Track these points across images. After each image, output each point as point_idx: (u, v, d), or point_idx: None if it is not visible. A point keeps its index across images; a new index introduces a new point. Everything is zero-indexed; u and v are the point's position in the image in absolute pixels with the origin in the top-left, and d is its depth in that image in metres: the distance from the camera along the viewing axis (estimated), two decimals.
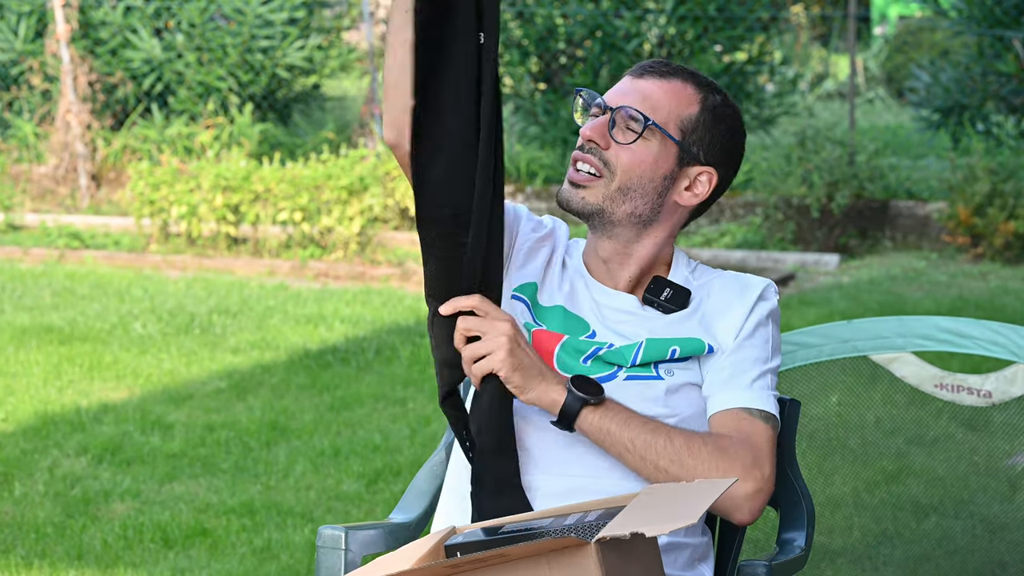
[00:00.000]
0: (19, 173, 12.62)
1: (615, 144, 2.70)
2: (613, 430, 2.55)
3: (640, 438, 2.55)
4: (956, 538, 4.81)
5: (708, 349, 2.71)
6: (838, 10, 20.11)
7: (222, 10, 13.05)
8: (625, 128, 2.70)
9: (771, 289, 2.80)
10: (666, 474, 2.55)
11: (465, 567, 2.25)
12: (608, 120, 2.70)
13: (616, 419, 2.55)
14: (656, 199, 2.73)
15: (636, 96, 2.70)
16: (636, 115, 2.69)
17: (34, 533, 5.23)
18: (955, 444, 5.39)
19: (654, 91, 2.70)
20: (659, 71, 2.73)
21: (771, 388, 2.70)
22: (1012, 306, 8.76)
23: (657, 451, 2.55)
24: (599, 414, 2.55)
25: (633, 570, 2.26)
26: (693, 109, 2.71)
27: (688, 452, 2.55)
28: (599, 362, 2.70)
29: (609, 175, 2.70)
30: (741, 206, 11.14)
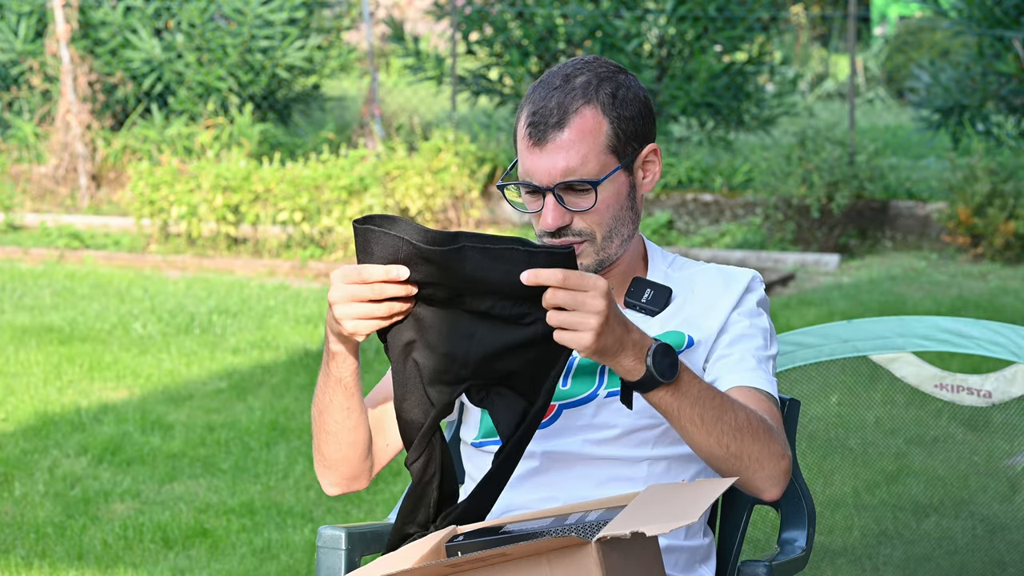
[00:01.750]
0: (19, 173, 12.63)
1: (576, 213, 2.65)
2: (684, 407, 2.47)
3: (708, 414, 2.49)
4: (956, 538, 4.81)
5: (688, 342, 2.70)
6: (838, 10, 20.11)
7: (222, 10, 13.05)
8: (573, 194, 2.65)
9: (757, 279, 2.77)
10: (726, 449, 2.51)
11: (466, 567, 2.25)
12: (554, 201, 2.63)
13: (687, 396, 2.47)
14: (634, 215, 2.72)
15: (560, 163, 2.62)
16: (579, 184, 2.64)
17: (34, 533, 5.23)
18: (955, 444, 5.39)
19: (569, 145, 2.62)
20: (555, 121, 2.62)
21: (772, 375, 2.70)
22: (1012, 306, 8.76)
23: (722, 428, 2.50)
24: (671, 391, 2.45)
25: (634, 569, 2.26)
26: (605, 125, 2.65)
27: (748, 428, 2.52)
28: (578, 378, 2.69)
29: (590, 235, 2.67)
30: (741, 206, 11.14)
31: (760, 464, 2.53)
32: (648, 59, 12.20)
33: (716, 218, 11.20)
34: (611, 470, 2.68)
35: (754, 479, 2.55)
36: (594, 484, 2.66)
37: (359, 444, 2.67)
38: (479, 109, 13.87)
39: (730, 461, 2.52)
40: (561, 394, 2.69)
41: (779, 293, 9.54)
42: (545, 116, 2.63)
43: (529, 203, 2.69)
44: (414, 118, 12.96)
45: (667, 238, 10.94)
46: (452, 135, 11.40)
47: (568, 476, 2.68)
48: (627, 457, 2.68)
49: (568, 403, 2.69)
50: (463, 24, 12.57)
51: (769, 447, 2.54)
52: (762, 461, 2.53)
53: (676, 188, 11.40)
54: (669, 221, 11.17)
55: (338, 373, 2.58)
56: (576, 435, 2.69)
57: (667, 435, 2.69)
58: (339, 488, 2.74)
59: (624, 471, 2.67)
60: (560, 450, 2.69)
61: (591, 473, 2.68)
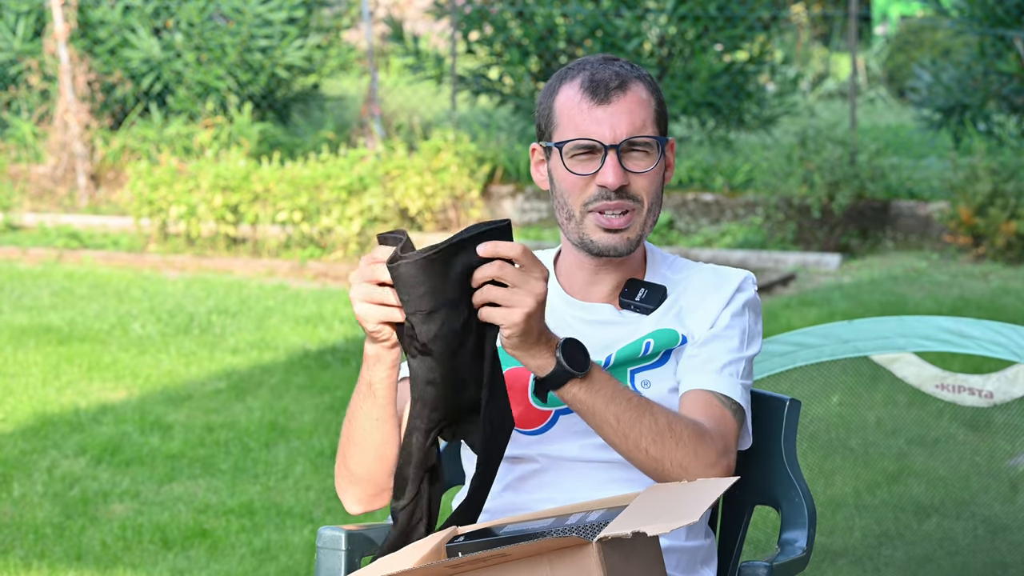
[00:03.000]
0: (18, 173, 12.62)
1: (633, 175, 2.68)
2: (598, 405, 2.48)
3: (625, 416, 2.49)
4: (957, 539, 4.80)
5: (682, 340, 2.70)
6: (839, 9, 20.11)
7: (221, 9, 13.05)
8: (639, 157, 2.68)
9: (749, 280, 2.77)
10: (646, 454, 2.50)
11: (466, 567, 2.24)
12: (616, 160, 2.66)
13: (601, 394, 2.47)
14: (660, 202, 2.74)
15: (626, 122, 2.67)
16: (648, 141, 2.68)
17: (33, 534, 5.22)
18: (956, 444, 5.39)
19: (631, 108, 2.67)
20: (617, 84, 2.68)
21: (741, 377, 2.67)
22: (1013, 306, 8.76)
23: (641, 431, 2.49)
24: (584, 387, 2.47)
25: (635, 569, 2.25)
26: (652, 101, 2.71)
27: (670, 433, 2.50)
28: None
29: (639, 205, 2.69)
30: (742, 206, 11.13)
31: (686, 471, 2.51)
32: (649, 58, 12.19)
33: (717, 218, 11.19)
34: (611, 472, 2.67)
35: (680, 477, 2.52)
36: (595, 485, 2.67)
37: (387, 459, 2.61)
38: (479, 109, 13.87)
39: (653, 466, 2.51)
40: (554, 400, 2.68)
41: (780, 293, 9.53)
42: (606, 80, 2.68)
43: (578, 165, 2.69)
44: (414, 118, 12.95)
45: (668, 238, 10.93)
46: (452, 135, 11.39)
47: (568, 478, 2.68)
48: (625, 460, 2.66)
49: (564, 409, 2.70)
50: (463, 23, 12.56)
51: (697, 454, 2.51)
52: (688, 468, 2.51)
53: (676, 188, 11.39)
54: (670, 221, 11.17)
55: (369, 377, 2.54)
56: (573, 440, 2.69)
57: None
58: (362, 506, 2.69)
59: (624, 473, 2.67)
60: (558, 454, 2.69)
61: (591, 475, 2.68)
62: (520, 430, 2.71)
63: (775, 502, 2.85)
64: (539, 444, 2.70)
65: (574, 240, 2.73)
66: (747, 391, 2.69)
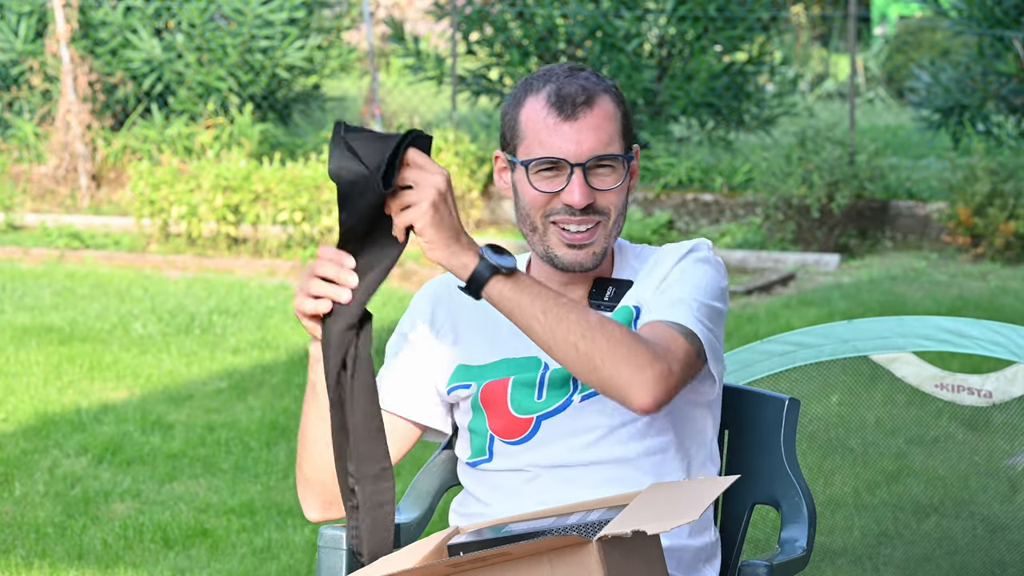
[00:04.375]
0: (19, 173, 12.63)
1: (600, 192, 2.66)
2: (524, 301, 2.45)
3: (552, 310, 2.45)
4: (956, 538, 4.81)
5: (636, 312, 2.69)
6: (838, 10, 20.11)
7: (222, 10, 13.06)
8: (601, 174, 2.66)
9: (703, 244, 2.75)
10: (575, 349, 2.45)
11: (467, 566, 2.25)
12: (582, 178, 2.64)
13: (528, 290, 2.45)
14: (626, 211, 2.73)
15: (593, 139, 2.65)
16: (609, 159, 2.66)
17: (34, 533, 5.23)
18: (955, 444, 5.39)
19: (598, 124, 2.65)
20: (583, 100, 2.66)
21: (698, 314, 2.61)
22: (1012, 306, 8.77)
23: (569, 325, 2.45)
24: (510, 284, 2.44)
25: (635, 568, 2.26)
26: (618, 114, 2.69)
27: (601, 330, 2.46)
28: (552, 391, 2.69)
29: (604, 219, 2.68)
30: (741, 206, 11.14)
31: (618, 366, 2.45)
32: (648, 59, 12.20)
33: (716, 218, 11.20)
34: (603, 472, 2.67)
35: (616, 383, 2.46)
36: (588, 488, 2.66)
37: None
38: (479, 109, 13.87)
39: (584, 365, 2.45)
40: (536, 407, 2.69)
41: (779, 293, 9.54)
42: (572, 95, 2.66)
43: (542, 182, 2.68)
44: (414, 118, 12.96)
45: (667, 238, 10.94)
46: (452, 135, 11.40)
47: (560, 483, 2.68)
48: (616, 458, 2.67)
49: (544, 414, 2.69)
50: (463, 24, 12.57)
51: (631, 350, 2.46)
52: (620, 363, 2.45)
53: (676, 188, 11.40)
54: (669, 221, 11.17)
55: (312, 377, 2.59)
56: (559, 443, 2.68)
57: (652, 425, 2.67)
58: (319, 512, 2.72)
59: (616, 472, 2.66)
60: (547, 461, 2.69)
61: (583, 478, 2.67)
62: (505, 441, 2.71)
63: (775, 501, 2.86)
64: (526, 453, 2.70)
65: (539, 253, 2.72)
66: (708, 331, 2.61)
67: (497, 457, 2.71)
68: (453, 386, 2.75)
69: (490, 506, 2.71)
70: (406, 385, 2.78)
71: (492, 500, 2.71)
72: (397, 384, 2.79)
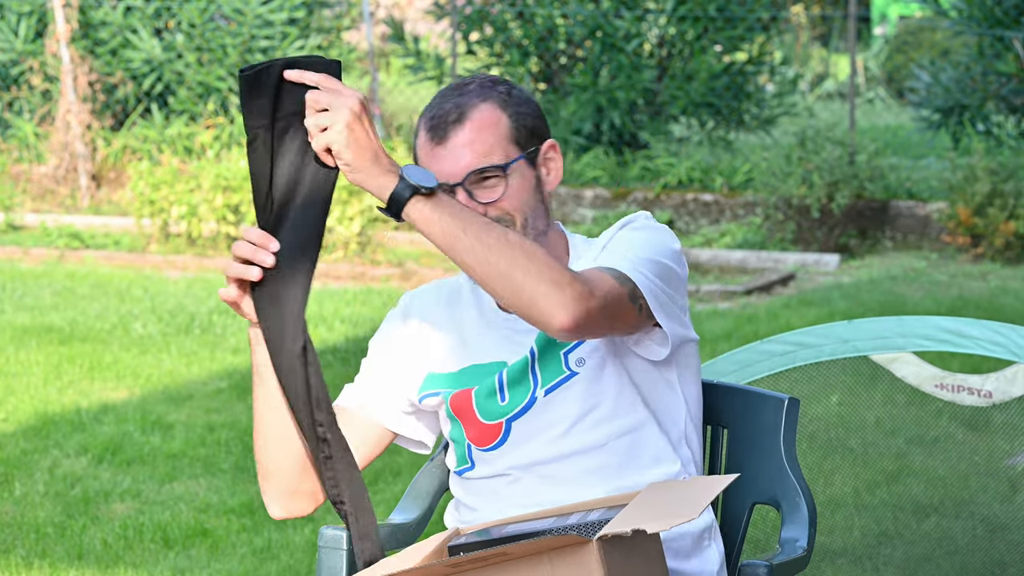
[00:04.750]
0: (19, 173, 12.63)
1: (490, 205, 2.66)
2: (444, 220, 2.43)
3: (473, 228, 2.43)
4: (956, 538, 4.81)
5: None
6: (838, 10, 20.12)
7: (222, 10, 13.06)
8: (482, 186, 2.66)
9: (641, 215, 2.74)
10: (497, 268, 2.42)
11: (467, 566, 2.25)
12: (465, 195, 2.65)
13: (448, 209, 2.43)
14: (544, 210, 2.72)
15: (465, 157, 2.65)
16: (487, 172, 2.65)
17: (34, 533, 5.23)
18: (955, 444, 5.39)
19: (472, 139, 2.65)
20: (454, 118, 2.66)
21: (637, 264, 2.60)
22: (1012, 306, 8.77)
23: (490, 242, 2.43)
24: (430, 204, 2.43)
25: (635, 567, 2.26)
26: (504, 118, 2.67)
27: (522, 248, 2.44)
28: (513, 390, 2.69)
29: (510, 221, 2.67)
30: (741, 206, 11.14)
31: (539, 283, 2.42)
32: (648, 59, 12.20)
33: (716, 218, 11.20)
34: (579, 463, 2.67)
35: (536, 300, 2.43)
36: (571, 480, 2.67)
37: (291, 456, 2.65)
38: None
39: (508, 282, 2.43)
40: (503, 410, 2.70)
41: (779, 293, 9.54)
42: (444, 116, 2.67)
43: None
44: (414, 118, 12.96)
45: None
46: None
47: (542, 482, 2.68)
48: (589, 446, 2.67)
49: (512, 416, 2.70)
50: (463, 24, 12.57)
51: (551, 268, 2.44)
52: (542, 280, 2.42)
53: (676, 188, 11.40)
54: (669, 221, 11.18)
55: (255, 360, 2.61)
56: (531, 442, 2.69)
57: (619, 404, 2.68)
58: (279, 507, 2.72)
59: (592, 460, 2.67)
60: (523, 462, 2.70)
61: (562, 472, 2.68)
62: (481, 448, 2.72)
63: (775, 501, 2.86)
64: (502, 457, 2.71)
65: None
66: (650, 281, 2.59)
67: (478, 464, 2.73)
68: (424, 395, 2.78)
69: (478, 511, 2.73)
70: (376, 390, 2.81)
71: (479, 506, 2.73)
72: (368, 389, 2.81)
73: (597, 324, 2.49)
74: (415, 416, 2.82)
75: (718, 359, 3.45)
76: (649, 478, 2.66)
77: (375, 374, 2.82)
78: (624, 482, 2.66)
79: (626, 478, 2.66)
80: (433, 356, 2.78)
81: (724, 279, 10.00)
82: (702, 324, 8.41)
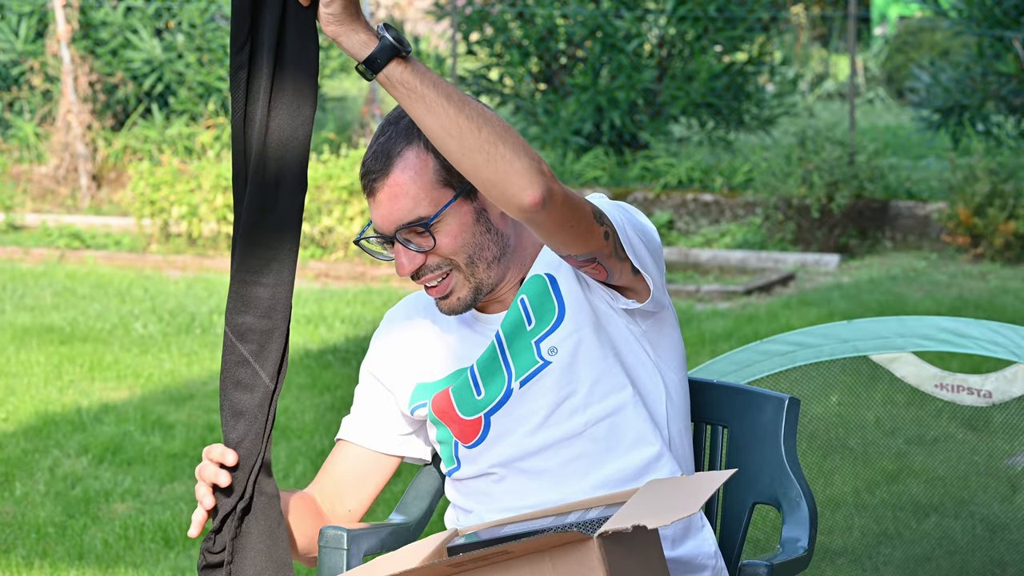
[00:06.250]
0: (20, 173, 12.63)
1: (428, 253, 2.65)
2: (426, 84, 2.36)
3: (455, 95, 2.37)
4: (956, 538, 4.81)
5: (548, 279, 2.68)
6: (838, 10, 20.12)
7: (222, 10, 13.06)
8: (419, 236, 2.65)
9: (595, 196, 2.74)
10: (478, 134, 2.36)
11: (468, 565, 2.26)
12: (402, 247, 2.65)
13: (429, 75, 2.37)
14: (494, 236, 2.69)
15: (394, 211, 2.63)
16: (414, 226, 2.64)
17: (35, 533, 5.24)
18: (955, 444, 5.39)
19: (397, 190, 2.63)
20: (381, 168, 2.63)
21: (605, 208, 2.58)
22: (1012, 306, 8.77)
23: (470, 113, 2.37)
24: (411, 68, 2.35)
25: (636, 564, 2.26)
26: (430, 161, 2.63)
27: (500, 123, 2.39)
28: (488, 381, 2.70)
29: (453, 265, 2.67)
30: (741, 206, 11.15)
31: (515, 156, 2.38)
32: (648, 59, 12.20)
33: (716, 218, 11.20)
34: (558, 454, 2.67)
35: (511, 175, 2.39)
36: (554, 473, 2.66)
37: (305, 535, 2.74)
38: None
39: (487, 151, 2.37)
40: (480, 404, 2.70)
41: (779, 293, 9.55)
42: (371, 167, 2.64)
43: (389, 251, 2.70)
44: None
45: (667, 238, 10.94)
46: None
47: (524, 477, 2.69)
48: (567, 435, 2.67)
49: (490, 410, 2.70)
50: (463, 24, 12.58)
51: (526, 146, 2.41)
52: (518, 153, 2.38)
53: (676, 188, 11.41)
54: (669, 221, 11.18)
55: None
56: (510, 436, 2.69)
57: (594, 390, 2.67)
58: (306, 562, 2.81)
59: (571, 449, 2.67)
60: (503, 459, 2.70)
61: (543, 465, 2.68)
62: (466, 445, 2.73)
63: (775, 501, 2.86)
64: (484, 455, 2.71)
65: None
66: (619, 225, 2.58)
67: (464, 464, 2.73)
68: (414, 406, 2.78)
69: (472, 513, 2.73)
70: (372, 420, 2.82)
71: (472, 507, 2.74)
72: (363, 421, 2.82)
73: (559, 212, 2.45)
74: (415, 434, 2.83)
75: (718, 359, 3.45)
76: (631, 462, 2.65)
77: (367, 404, 2.83)
78: (606, 469, 2.65)
79: (608, 464, 2.65)
80: (419, 367, 2.78)
81: (724, 279, 10.00)
82: (702, 324, 8.41)
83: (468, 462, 2.73)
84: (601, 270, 2.61)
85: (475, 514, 2.72)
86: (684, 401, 2.78)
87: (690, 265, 10.51)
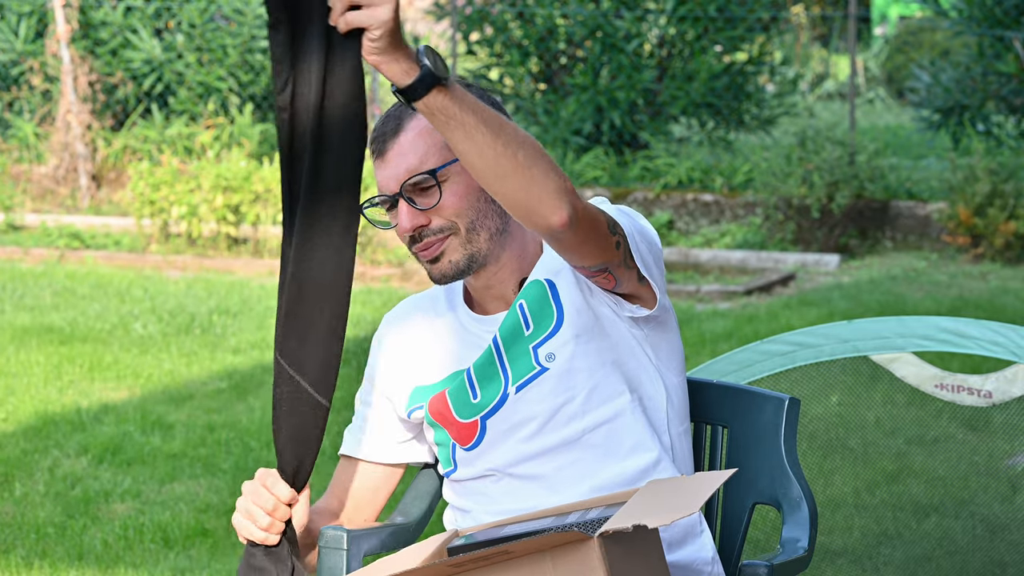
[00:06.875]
0: (19, 173, 12.63)
1: (431, 211, 2.65)
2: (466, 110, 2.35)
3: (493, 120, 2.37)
4: (956, 538, 4.81)
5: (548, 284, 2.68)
6: (838, 10, 20.12)
7: (222, 10, 13.06)
8: (423, 194, 2.66)
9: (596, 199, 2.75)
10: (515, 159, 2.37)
11: (469, 565, 2.26)
12: (406, 205, 2.65)
13: (467, 100, 2.36)
14: (498, 209, 2.68)
15: (401, 166, 2.65)
16: (421, 179, 2.64)
17: (34, 533, 5.24)
18: (955, 444, 5.39)
19: (407, 147, 2.65)
20: (391, 129, 2.66)
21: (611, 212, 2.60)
22: (1012, 306, 8.77)
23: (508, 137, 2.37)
24: (451, 95, 2.34)
25: (636, 563, 2.26)
26: None
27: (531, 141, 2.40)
28: (484, 385, 2.69)
29: (453, 228, 2.66)
30: (741, 206, 11.15)
31: (546, 177, 2.39)
32: (648, 59, 12.20)
33: (716, 218, 11.20)
34: (554, 460, 2.67)
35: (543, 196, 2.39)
36: (549, 478, 2.66)
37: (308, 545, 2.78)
38: None
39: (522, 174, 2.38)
40: (476, 407, 2.69)
41: (779, 293, 9.55)
42: (382, 129, 2.68)
43: (392, 219, 2.70)
44: None
45: (667, 238, 10.94)
46: None
47: (522, 481, 2.69)
48: (563, 441, 2.66)
49: (486, 414, 2.69)
50: (463, 24, 12.58)
51: (552, 165, 2.42)
52: (548, 175, 2.40)
53: (676, 188, 11.41)
54: (669, 221, 11.18)
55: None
56: (506, 441, 2.69)
57: (592, 396, 2.66)
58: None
59: (568, 455, 2.66)
60: (501, 463, 2.70)
61: (539, 470, 2.68)
62: (463, 448, 2.73)
63: (775, 501, 2.86)
64: (481, 458, 2.71)
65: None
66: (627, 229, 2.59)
67: (460, 466, 2.74)
68: (411, 409, 2.79)
69: (469, 513, 2.73)
70: (376, 430, 2.84)
71: (469, 507, 2.74)
72: (368, 432, 2.84)
73: (583, 229, 2.46)
74: (416, 439, 2.84)
75: (718, 359, 3.45)
76: (629, 467, 2.65)
77: (369, 415, 2.85)
78: (603, 474, 2.65)
79: (605, 470, 2.65)
80: (417, 370, 2.78)
81: (724, 279, 10.00)
82: (702, 324, 8.41)
83: (465, 464, 2.73)
84: (611, 279, 2.62)
85: (473, 514, 2.72)
86: (684, 403, 2.78)
87: (690, 265, 10.52)
